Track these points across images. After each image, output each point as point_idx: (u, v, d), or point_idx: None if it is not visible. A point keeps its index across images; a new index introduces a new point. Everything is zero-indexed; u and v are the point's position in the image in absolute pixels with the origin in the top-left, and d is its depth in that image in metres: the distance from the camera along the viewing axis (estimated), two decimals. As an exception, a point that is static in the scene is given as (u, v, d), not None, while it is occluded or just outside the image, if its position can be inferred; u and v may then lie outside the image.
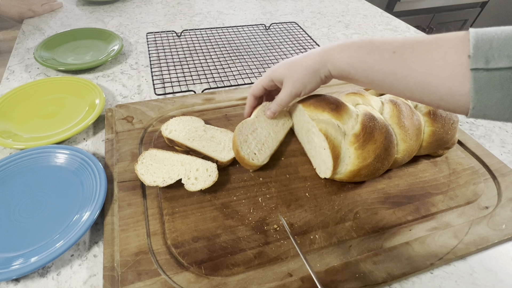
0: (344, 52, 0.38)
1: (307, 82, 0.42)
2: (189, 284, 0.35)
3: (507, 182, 0.49)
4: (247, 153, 0.46)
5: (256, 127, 0.48)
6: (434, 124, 0.48)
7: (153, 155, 0.46)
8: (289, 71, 0.43)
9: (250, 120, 0.48)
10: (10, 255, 0.37)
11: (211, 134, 0.51)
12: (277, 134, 0.50)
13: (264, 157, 0.47)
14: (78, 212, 0.41)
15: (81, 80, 0.64)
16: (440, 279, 0.39)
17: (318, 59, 0.41)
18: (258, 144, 0.47)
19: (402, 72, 0.33)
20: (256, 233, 0.40)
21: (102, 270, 0.36)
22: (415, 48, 0.32)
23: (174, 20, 0.96)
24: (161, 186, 0.43)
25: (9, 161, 0.47)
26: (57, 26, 0.89)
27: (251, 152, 0.46)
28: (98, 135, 0.55)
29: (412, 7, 1.76)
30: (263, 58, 0.78)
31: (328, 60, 0.40)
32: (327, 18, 1.04)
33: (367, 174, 0.45)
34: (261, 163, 0.47)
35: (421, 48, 0.32)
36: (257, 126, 0.49)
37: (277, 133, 0.50)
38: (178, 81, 0.68)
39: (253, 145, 0.47)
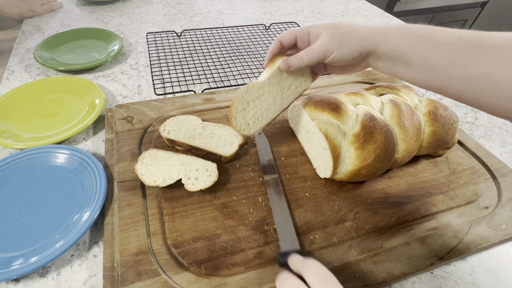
0: (404, 29, 0.35)
1: (345, 45, 0.37)
2: (189, 284, 0.35)
3: (507, 182, 0.49)
4: (240, 123, 0.43)
5: (263, 92, 0.43)
6: (434, 124, 0.48)
7: (153, 155, 0.46)
8: (330, 29, 0.38)
9: (259, 84, 0.43)
10: (10, 255, 0.37)
11: (210, 131, 0.51)
12: (284, 102, 0.44)
13: (258, 128, 0.44)
14: (78, 212, 0.41)
15: (81, 80, 0.64)
16: (440, 279, 0.39)
17: (368, 30, 0.37)
18: (257, 113, 0.43)
19: (467, 58, 0.30)
20: (256, 233, 0.40)
21: (102, 270, 0.36)
22: (482, 39, 0.30)
23: (174, 20, 0.96)
24: (161, 186, 0.43)
25: (9, 161, 0.47)
26: (57, 26, 0.89)
27: (244, 123, 0.43)
28: (98, 135, 0.55)
29: (412, 7, 1.77)
30: (263, 58, 0.78)
31: (383, 34, 0.36)
32: (327, 18, 1.04)
33: (367, 174, 0.45)
34: (251, 134, 0.44)
35: (489, 40, 0.30)
36: (264, 92, 0.43)
37: (284, 100, 0.44)
38: (178, 81, 0.68)
39: (250, 115, 0.43)
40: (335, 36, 0.38)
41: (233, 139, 0.50)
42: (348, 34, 0.37)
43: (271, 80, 0.43)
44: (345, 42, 0.37)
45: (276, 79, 0.43)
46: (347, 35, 0.37)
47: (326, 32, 0.38)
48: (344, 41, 0.37)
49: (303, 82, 0.45)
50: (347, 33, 0.37)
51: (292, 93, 0.44)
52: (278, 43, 0.43)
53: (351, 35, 0.37)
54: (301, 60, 0.40)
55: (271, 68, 0.44)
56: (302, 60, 0.40)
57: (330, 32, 0.38)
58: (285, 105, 0.45)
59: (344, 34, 0.37)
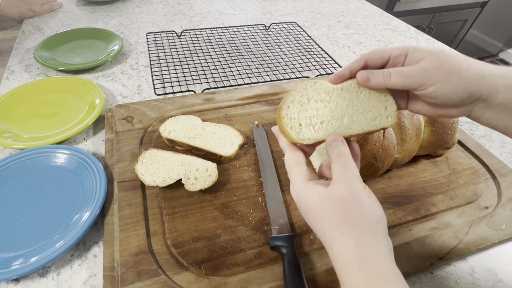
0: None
1: (455, 79, 0.28)
2: (189, 284, 0.35)
3: (507, 182, 0.49)
4: (291, 117, 0.32)
5: (330, 100, 0.33)
6: (434, 124, 0.48)
7: (153, 155, 0.46)
8: (438, 56, 0.29)
9: (328, 86, 0.33)
10: (10, 255, 0.37)
11: (211, 131, 0.51)
12: (353, 125, 0.33)
13: (309, 136, 0.32)
14: (78, 212, 0.41)
15: (81, 80, 0.64)
16: (440, 279, 0.39)
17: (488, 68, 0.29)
18: (315, 118, 0.32)
19: None
20: (256, 233, 0.40)
21: (102, 270, 0.36)
22: None
23: (174, 20, 0.96)
24: (161, 186, 0.43)
25: (9, 161, 0.47)
26: (57, 26, 0.89)
27: (296, 120, 0.32)
28: (98, 135, 0.55)
29: (412, 7, 1.76)
30: (263, 58, 0.78)
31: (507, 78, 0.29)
32: (327, 18, 1.04)
33: (367, 174, 0.45)
34: (297, 140, 0.32)
35: None
36: (331, 100, 0.33)
37: (353, 124, 0.33)
38: (178, 81, 0.68)
39: (306, 114, 0.32)
40: (444, 65, 0.29)
41: (233, 139, 0.50)
42: (461, 67, 0.29)
43: (344, 92, 0.33)
44: (456, 77, 0.29)
45: (350, 93, 0.33)
46: (459, 68, 0.29)
47: (432, 58, 0.29)
48: (454, 75, 0.29)
49: (384, 116, 0.33)
50: (460, 66, 0.29)
51: (367, 121, 0.33)
52: (363, 60, 0.33)
53: (465, 69, 0.29)
54: (388, 78, 0.30)
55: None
56: (390, 78, 0.30)
57: (438, 59, 0.29)
58: (354, 131, 0.33)
59: (456, 66, 0.29)
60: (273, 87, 0.66)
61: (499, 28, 2.29)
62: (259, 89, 0.65)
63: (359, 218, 0.26)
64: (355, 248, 0.25)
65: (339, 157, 0.29)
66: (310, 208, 0.28)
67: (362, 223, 0.26)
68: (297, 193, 0.29)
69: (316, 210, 0.28)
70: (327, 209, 0.27)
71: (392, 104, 0.33)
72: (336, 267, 0.26)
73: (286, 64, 0.76)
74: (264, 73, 0.73)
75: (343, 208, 0.26)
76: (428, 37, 0.96)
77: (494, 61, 2.60)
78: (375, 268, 0.24)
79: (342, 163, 0.28)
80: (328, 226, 0.27)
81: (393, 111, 0.33)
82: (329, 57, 0.79)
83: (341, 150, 0.29)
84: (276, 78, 0.71)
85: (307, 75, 0.73)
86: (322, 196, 0.27)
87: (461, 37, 2.17)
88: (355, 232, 0.26)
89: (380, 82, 0.31)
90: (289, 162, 0.31)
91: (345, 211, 0.26)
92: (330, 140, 0.30)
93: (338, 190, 0.27)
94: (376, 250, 0.25)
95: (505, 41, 2.46)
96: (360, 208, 0.26)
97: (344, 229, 0.26)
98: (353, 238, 0.25)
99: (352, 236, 0.25)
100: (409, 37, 0.96)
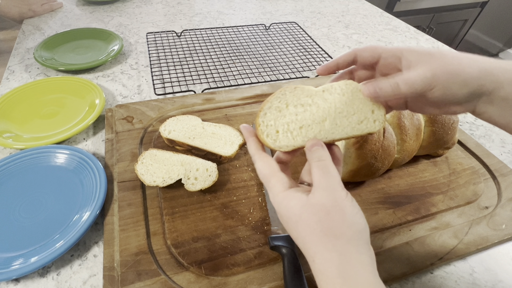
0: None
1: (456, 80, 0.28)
2: (189, 284, 0.35)
3: (507, 182, 0.49)
4: (268, 124, 0.31)
5: (311, 103, 0.31)
6: (434, 124, 0.48)
7: (153, 155, 0.46)
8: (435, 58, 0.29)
9: (310, 90, 0.31)
10: (10, 255, 0.37)
11: (211, 131, 0.51)
12: (335, 129, 0.31)
13: (286, 143, 0.30)
14: (78, 212, 0.41)
15: (81, 80, 0.64)
16: (440, 279, 0.38)
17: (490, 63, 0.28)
18: (293, 123, 0.31)
19: None
20: (256, 233, 0.40)
21: (102, 270, 0.36)
22: None
23: (174, 20, 0.96)
24: (161, 186, 0.43)
25: (9, 161, 0.47)
26: (57, 26, 0.89)
27: (273, 126, 0.31)
28: (98, 135, 0.55)
29: (412, 7, 1.76)
30: (263, 58, 0.78)
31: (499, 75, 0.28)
32: (327, 18, 1.04)
33: (367, 174, 0.45)
34: (273, 146, 0.30)
35: None
36: (313, 103, 0.31)
37: (336, 128, 0.31)
38: (178, 81, 0.68)
39: (284, 120, 0.31)
40: (448, 65, 0.28)
41: (234, 139, 0.50)
42: (464, 65, 0.28)
43: (326, 94, 0.31)
44: (461, 76, 0.28)
45: (332, 95, 0.31)
46: (463, 67, 0.28)
47: (434, 61, 0.29)
48: (459, 75, 0.28)
49: (371, 120, 0.31)
50: (463, 64, 0.28)
51: (351, 125, 0.31)
52: (352, 55, 0.33)
53: (468, 66, 0.28)
54: (397, 89, 0.29)
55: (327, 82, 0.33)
56: (399, 88, 0.29)
57: (440, 61, 0.28)
58: (336, 136, 0.31)
59: (460, 65, 0.28)
60: (273, 87, 0.66)
61: (499, 28, 2.29)
62: (259, 89, 0.65)
63: (342, 230, 0.25)
64: (338, 262, 0.24)
65: (319, 162, 0.28)
66: (291, 219, 0.27)
67: (345, 235, 0.25)
68: (278, 204, 0.28)
69: (297, 221, 0.26)
70: (308, 219, 0.26)
71: (379, 107, 0.31)
72: (318, 281, 0.25)
73: (286, 64, 0.76)
74: (264, 73, 0.73)
75: (325, 219, 0.25)
76: (428, 37, 0.96)
77: (494, 61, 2.59)
78: (359, 283, 0.24)
79: (322, 168, 0.28)
80: (310, 238, 0.26)
81: (381, 115, 0.31)
82: (329, 57, 0.79)
83: (321, 155, 0.28)
84: (276, 78, 0.71)
85: (307, 75, 0.73)
86: (304, 205, 0.26)
87: (461, 37, 2.17)
88: (338, 245, 0.25)
89: (390, 94, 0.30)
90: (263, 172, 0.29)
91: (328, 222, 0.25)
92: (310, 145, 0.29)
93: (319, 199, 0.26)
94: (360, 263, 0.24)
95: (505, 41, 2.46)
96: (343, 218, 0.25)
97: (326, 242, 0.25)
98: (336, 251, 0.25)
99: (335, 249, 0.25)
100: (409, 37, 0.96)
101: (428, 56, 0.29)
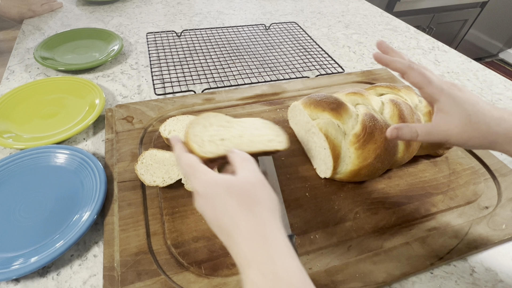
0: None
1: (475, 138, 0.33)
2: (189, 284, 0.35)
3: (507, 182, 0.49)
4: (195, 134, 0.35)
5: (230, 126, 0.38)
6: (434, 124, 0.48)
7: (153, 155, 0.46)
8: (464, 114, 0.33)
9: (230, 118, 0.39)
10: (10, 255, 0.37)
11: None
12: (251, 145, 0.36)
13: (212, 151, 0.34)
14: (78, 212, 0.41)
15: (81, 80, 0.64)
16: (440, 279, 0.38)
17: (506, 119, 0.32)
18: (216, 136, 0.36)
19: None
20: (256, 233, 0.40)
21: (102, 270, 0.36)
22: None
23: (174, 20, 0.96)
24: (160, 186, 0.43)
25: (9, 161, 0.47)
26: (57, 26, 0.89)
27: (199, 136, 0.35)
28: (98, 135, 0.55)
29: (412, 7, 1.76)
30: (263, 58, 0.78)
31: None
32: (327, 18, 1.04)
33: (367, 174, 0.45)
34: (201, 153, 0.34)
35: None
36: (232, 126, 0.38)
37: (251, 143, 0.36)
38: (178, 81, 0.68)
39: (209, 133, 0.36)
40: (468, 126, 0.33)
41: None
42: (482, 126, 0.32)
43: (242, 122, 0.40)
44: (476, 140, 0.33)
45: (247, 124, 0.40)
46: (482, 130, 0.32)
47: (459, 118, 0.33)
48: (475, 139, 0.33)
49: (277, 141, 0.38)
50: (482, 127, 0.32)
51: (262, 142, 0.37)
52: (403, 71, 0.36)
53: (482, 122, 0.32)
54: (415, 136, 0.35)
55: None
56: (417, 136, 0.35)
57: (464, 120, 0.33)
58: (253, 149, 0.36)
59: (480, 127, 0.32)
60: (273, 87, 0.66)
61: (499, 28, 2.29)
62: (259, 89, 0.65)
63: (263, 198, 0.28)
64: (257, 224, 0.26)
65: (243, 159, 0.31)
66: (220, 195, 0.28)
67: (266, 204, 0.28)
68: (205, 182, 0.29)
69: (225, 195, 0.27)
70: (236, 192, 0.27)
71: (282, 134, 0.40)
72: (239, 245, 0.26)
73: (286, 64, 0.76)
74: (264, 73, 0.73)
75: (251, 190, 0.28)
76: (428, 37, 0.96)
77: (494, 61, 2.60)
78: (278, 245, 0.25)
79: (244, 159, 0.31)
80: (234, 212, 0.27)
81: (283, 139, 0.39)
82: (329, 57, 0.79)
83: (245, 157, 0.31)
84: (276, 78, 0.71)
85: (307, 75, 0.73)
86: (231, 180, 0.28)
87: (461, 37, 2.17)
88: (258, 211, 0.27)
89: (407, 138, 0.36)
90: (189, 162, 0.31)
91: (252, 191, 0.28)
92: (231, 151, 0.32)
93: (245, 175, 0.29)
94: (278, 228, 0.27)
95: (505, 41, 2.46)
96: (265, 191, 0.28)
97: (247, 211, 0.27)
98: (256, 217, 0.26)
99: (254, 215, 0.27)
100: (409, 37, 0.96)
101: (463, 110, 0.33)
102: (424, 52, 0.88)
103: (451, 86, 0.35)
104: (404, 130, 0.36)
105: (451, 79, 0.78)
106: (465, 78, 0.78)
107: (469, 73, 0.80)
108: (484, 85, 0.76)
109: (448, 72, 0.80)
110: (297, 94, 0.65)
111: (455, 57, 0.87)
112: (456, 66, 0.83)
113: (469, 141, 0.33)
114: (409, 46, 0.91)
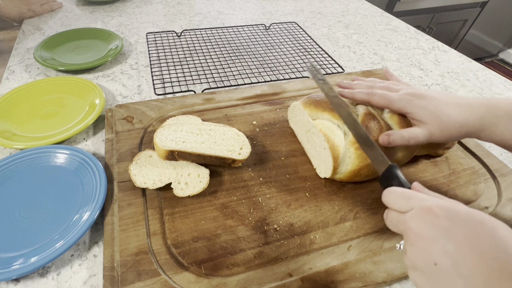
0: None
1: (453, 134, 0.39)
2: (189, 284, 0.35)
3: (507, 182, 0.49)
4: (162, 133, 0.44)
5: (200, 133, 0.46)
6: (434, 124, 0.48)
7: (148, 156, 0.46)
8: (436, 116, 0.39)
9: (200, 126, 0.47)
10: (10, 255, 0.37)
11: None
12: (212, 149, 0.45)
13: (170, 146, 0.43)
14: (78, 212, 0.41)
15: (81, 80, 0.64)
16: (440, 279, 0.38)
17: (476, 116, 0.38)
18: (180, 138, 0.44)
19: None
20: (256, 233, 0.40)
21: (102, 270, 0.36)
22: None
23: (174, 20, 0.96)
24: (150, 188, 0.43)
25: (9, 161, 0.47)
26: (57, 26, 0.89)
27: (164, 135, 0.44)
28: (98, 135, 0.55)
29: (412, 7, 1.77)
30: (263, 58, 0.78)
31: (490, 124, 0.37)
32: (327, 18, 1.04)
33: (367, 174, 0.45)
34: (160, 146, 0.43)
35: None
36: (201, 133, 0.46)
37: (211, 149, 0.45)
38: (178, 81, 0.68)
39: (175, 135, 0.45)
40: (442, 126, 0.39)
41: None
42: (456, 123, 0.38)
43: (211, 132, 0.47)
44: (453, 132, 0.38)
45: (216, 133, 0.47)
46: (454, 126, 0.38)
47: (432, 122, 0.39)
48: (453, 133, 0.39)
49: (237, 153, 0.46)
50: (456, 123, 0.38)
51: (222, 150, 0.45)
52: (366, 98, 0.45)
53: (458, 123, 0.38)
54: (406, 141, 0.40)
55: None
56: (408, 141, 0.40)
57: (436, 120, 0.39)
58: (212, 153, 0.44)
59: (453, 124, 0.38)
60: (273, 87, 0.66)
61: (499, 28, 2.29)
62: (259, 89, 0.65)
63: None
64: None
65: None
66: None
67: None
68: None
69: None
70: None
71: (248, 147, 0.46)
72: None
73: (286, 64, 0.76)
74: (264, 73, 0.73)
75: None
76: (428, 37, 0.96)
77: (494, 61, 2.60)
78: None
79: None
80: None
81: (245, 152, 0.46)
82: (329, 57, 0.80)
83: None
84: (276, 78, 0.71)
85: (307, 75, 0.73)
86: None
87: (461, 37, 2.18)
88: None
89: (398, 143, 0.41)
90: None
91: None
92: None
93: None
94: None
95: (505, 41, 2.46)
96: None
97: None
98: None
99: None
100: (409, 37, 0.96)
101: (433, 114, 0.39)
102: (424, 52, 0.88)
103: (410, 98, 0.41)
104: (394, 136, 0.40)
105: (451, 79, 0.78)
106: (465, 78, 0.78)
107: (469, 73, 0.80)
108: (484, 85, 0.76)
109: (448, 72, 0.80)
110: (297, 94, 0.65)
111: (455, 57, 0.87)
112: (456, 66, 0.83)
113: (451, 137, 0.39)
114: (409, 46, 0.91)
